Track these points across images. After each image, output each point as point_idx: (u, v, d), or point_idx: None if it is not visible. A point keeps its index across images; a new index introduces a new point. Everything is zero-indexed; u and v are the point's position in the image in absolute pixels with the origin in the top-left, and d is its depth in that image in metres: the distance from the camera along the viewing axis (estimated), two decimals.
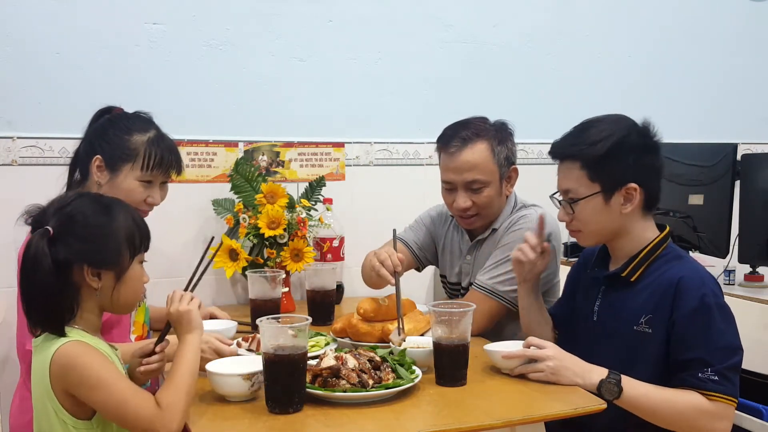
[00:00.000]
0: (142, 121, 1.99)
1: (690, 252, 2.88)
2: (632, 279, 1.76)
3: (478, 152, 2.11)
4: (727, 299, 2.15)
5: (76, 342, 1.34)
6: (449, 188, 2.17)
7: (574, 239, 1.87)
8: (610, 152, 1.72)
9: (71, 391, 1.33)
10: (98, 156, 1.92)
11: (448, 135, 2.16)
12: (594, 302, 1.83)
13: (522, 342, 1.75)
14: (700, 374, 1.63)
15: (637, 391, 1.64)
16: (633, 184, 1.73)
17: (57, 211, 1.37)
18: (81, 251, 1.35)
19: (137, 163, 1.92)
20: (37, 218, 1.37)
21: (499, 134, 2.15)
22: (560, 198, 1.82)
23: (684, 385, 1.65)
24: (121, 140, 1.92)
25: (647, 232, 1.79)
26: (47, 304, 1.34)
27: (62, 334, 1.34)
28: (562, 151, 1.80)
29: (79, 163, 1.99)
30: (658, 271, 1.74)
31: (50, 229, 1.33)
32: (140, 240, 1.43)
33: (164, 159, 1.94)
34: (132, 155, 1.92)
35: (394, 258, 2.00)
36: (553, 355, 1.67)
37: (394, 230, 2.08)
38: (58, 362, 1.32)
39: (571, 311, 1.94)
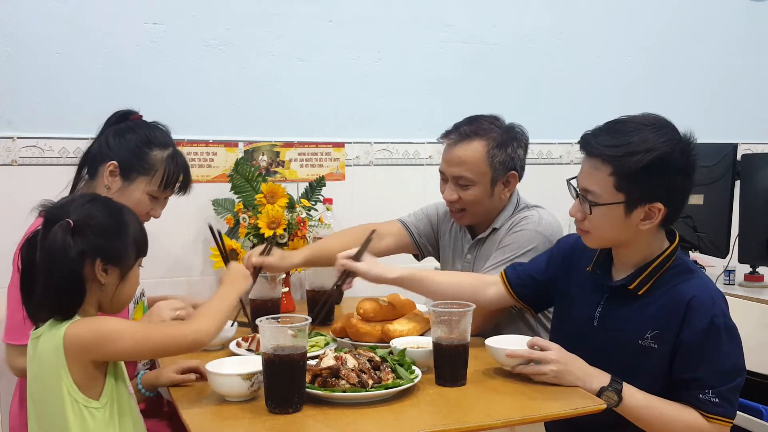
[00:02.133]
0: (162, 134, 2.02)
1: (690, 252, 2.88)
2: (639, 293, 1.71)
3: (470, 150, 2.11)
4: (727, 299, 2.16)
5: (82, 318, 1.42)
6: (442, 178, 2.20)
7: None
8: (647, 168, 1.61)
9: (92, 356, 1.39)
10: (114, 161, 1.94)
11: (452, 127, 2.18)
12: (595, 308, 1.78)
13: (524, 338, 1.75)
14: (701, 395, 1.62)
15: (636, 402, 1.63)
16: (659, 204, 1.64)
17: (77, 207, 1.44)
18: (97, 245, 1.43)
19: (155, 179, 1.96)
20: (54, 212, 1.43)
21: (502, 137, 2.13)
22: (578, 190, 1.73)
23: (684, 402, 1.64)
24: (141, 152, 1.96)
25: (657, 243, 1.73)
26: (70, 291, 1.40)
27: (70, 317, 1.41)
28: (595, 150, 1.67)
29: (89, 162, 2.00)
30: (667, 286, 1.69)
31: (71, 221, 1.39)
32: (143, 244, 1.52)
33: (178, 179, 2.00)
34: (150, 170, 1.96)
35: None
36: (557, 358, 1.65)
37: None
38: (73, 335, 1.38)
39: (543, 293, 1.92)
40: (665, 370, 1.67)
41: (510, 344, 1.74)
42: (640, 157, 1.61)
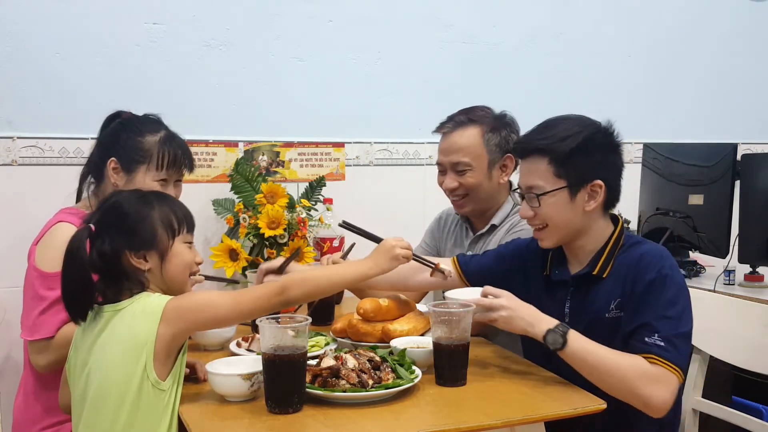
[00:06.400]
0: (151, 122, 2.05)
1: (690, 252, 2.89)
2: (603, 275, 1.77)
3: (466, 136, 2.18)
4: (727, 299, 2.16)
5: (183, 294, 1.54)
6: (440, 170, 2.25)
7: None
8: (578, 148, 1.73)
9: (187, 324, 1.47)
10: (113, 158, 1.98)
11: (446, 118, 2.25)
12: (563, 305, 1.82)
13: (479, 290, 1.77)
14: (647, 338, 1.64)
15: (581, 345, 1.64)
16: (598, 181, 1.75)
17: (98, 210, 1.56)
18: (120, 241, 1.50)
19: (152, 164, 1.98)
20: (87, 219, 1.53)
21: (494, 122, 2.21)
22: (522, 192, 1.82)
23: (632, 350, 1.65)
24: (134, 142, 1.99)
25: (606, 229, 1.81)
26: (85, 288, 1.48)
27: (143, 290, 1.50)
28: (529, 146, 1.80)
29: (92, 167, 2.04)
30: (621, 258, 1.77)
31: (92, 226, 1.50)
32: (178, 222, 1.56)
33: (177, 157, 2.02)
34: (146, 156, 1.98)
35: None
36: (507, 304, 1.69)
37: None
38: (174, 304, 1.46)
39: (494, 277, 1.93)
40: None
41: (467, 296, 1.77)
42: (571, 140, 1.74)
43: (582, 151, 1.74)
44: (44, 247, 1.90)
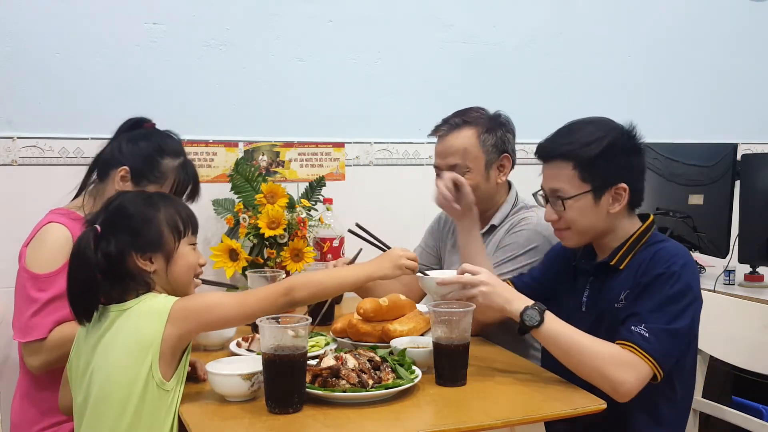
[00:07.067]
0: (174, 143, 2.04)
1: (690, 252, 2.89)
2: (621, 267, 1.78)
3: (462, 138, 2.17)
4: (727, 299, 2.16)
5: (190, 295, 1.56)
6: (438, 173, 2.23)
7: None
8: (603, 153, 1.75)
9: (193, 325, 1.49)
10: (125, 167, 1.95)
11: (441, 121, 2.24)
12: (582, 293, 1.85)
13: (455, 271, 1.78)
14: (633, 327, 1.64)
15: (557, 325, 1.66)
16: (623, 185, 1.76)
17: (103, 210, 1.56)
18: (126, 242, 1.51)
19: (164, 187, 1.97)
20: (91, 220, 1.54)
21: (489, 122, 2.20)
22: (546, 195, 1.83)
23: (616, 337, 1.65)
24: (153, 160, 1.97)
25: (631, 227, 1.82)
26: (90, 288, 1.48)
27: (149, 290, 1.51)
28: (552, 151, 1.81)
29: (100, 166, 2.01)
30: (640, 254, 1.78)
31: (98, 227, 1.50)
32: (183, 224, 1.58)
33: (188, 189, 2.03)
34: (161, 178, 1.97)
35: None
36: (486, 281, 1.70)
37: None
38: (180, 305, 1.47)
39: (543, 294, 1.93)
40: None
41: (443, 275, 1.78)
42: (596, 145, 1.76)
43: (606, 155, 1.75)
44: (34, 249, 1.89)
